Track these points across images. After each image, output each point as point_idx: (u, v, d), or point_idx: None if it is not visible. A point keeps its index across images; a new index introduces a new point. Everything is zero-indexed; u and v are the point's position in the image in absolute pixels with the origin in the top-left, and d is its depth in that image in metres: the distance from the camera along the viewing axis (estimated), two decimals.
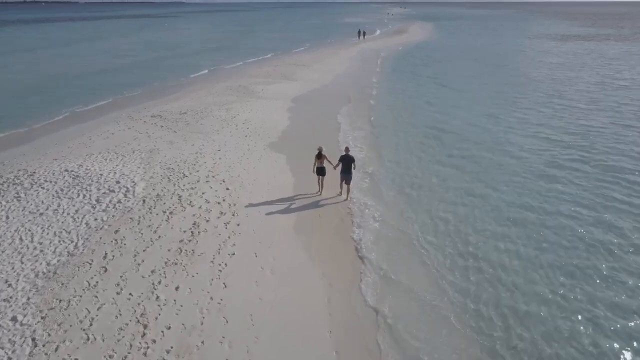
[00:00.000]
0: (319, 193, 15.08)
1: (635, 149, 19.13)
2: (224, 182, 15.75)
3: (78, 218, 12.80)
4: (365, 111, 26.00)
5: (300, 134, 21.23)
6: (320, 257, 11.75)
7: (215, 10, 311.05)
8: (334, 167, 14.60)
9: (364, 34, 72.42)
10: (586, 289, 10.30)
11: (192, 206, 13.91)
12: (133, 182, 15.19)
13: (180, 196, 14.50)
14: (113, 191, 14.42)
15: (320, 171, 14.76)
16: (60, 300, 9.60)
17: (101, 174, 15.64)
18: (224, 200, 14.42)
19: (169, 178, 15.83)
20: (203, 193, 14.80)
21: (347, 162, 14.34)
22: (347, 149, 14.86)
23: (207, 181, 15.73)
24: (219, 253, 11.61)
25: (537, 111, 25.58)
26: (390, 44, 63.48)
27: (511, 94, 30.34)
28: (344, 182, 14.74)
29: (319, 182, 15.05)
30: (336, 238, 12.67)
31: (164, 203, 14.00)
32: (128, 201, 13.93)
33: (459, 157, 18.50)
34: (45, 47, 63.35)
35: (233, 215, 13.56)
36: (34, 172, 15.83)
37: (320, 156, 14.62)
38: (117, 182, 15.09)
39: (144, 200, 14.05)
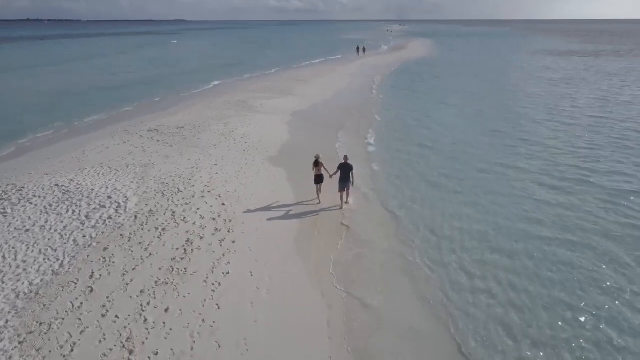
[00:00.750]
0: (318, 201, 15.13)
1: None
2: (219, 197, 15.20)
3: (66, 235, 12.21)
4: (365, 128, 25.51)
5: (299, 149, 20.72)
6: (319, 276, 11.15)
7: (215, 27, 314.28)
8: (331, 176, 14.78)
9: (364, 50, 72.62)
10: (598, 335, 9.29)
11: (185, 222, 13.34)
12: (125, 197, 14.63)
13: (174, 212, 13.94)
14: (104, 207, 13.86)
15: (318, 179, 14.96)
16: (40, 324, 8.96)
17: (92, 189, 15.09)
18: (219, 216, 13.86)
19: (163, 193, 15.28)
20: (198, 209, 14.24)
21: (345, 170, 14.44)
22: (345, 157, 14.87)
23: (202, 196, 15.19)
24: (212, 272, 11.02)
25: (537, 128, 24.84)
26: (390, 60, 63.52)
27: (511, 110, 29.74)
28: (343, 190, 14.72)
29: (317, 191, 15.18)
30: (336, 256, 12.07)
31: (157, 219, 13.43)
32: (119, 217, 13.36)
33: (457, 177, 17.51)
34: (47, 64, 63.22)
35: (228, 231, 12.98)
36: (23, 187, 15.28)
37: (317, 164, 14.83)
38: (109, 197, 14.53)
39: (135, 216, 13.48)
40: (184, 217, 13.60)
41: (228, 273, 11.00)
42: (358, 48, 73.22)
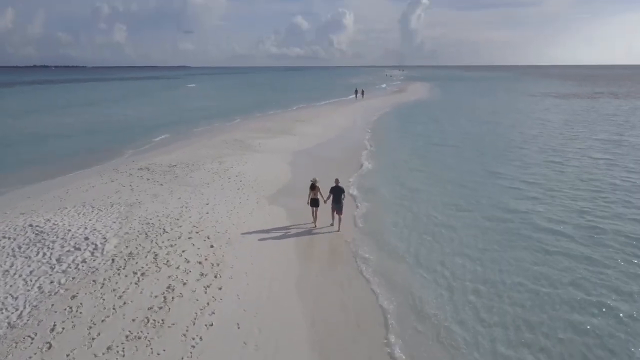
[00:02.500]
0: (314, 225, 15.44)
1: None
2: (208, 238, 13.92)
3: (31, 281, 10.85)
4: (365, 168, 24.51)
5: (296, 189, 19.50)
6: (317, 328, 9.74)
7: (218, 73, 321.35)
8: (325, 201, 15.13)
9: (362, 92, 73.00)
10: None
11: (168, 266, 12.00)
12: (104, 238, 13.34)
13: (156, 254, 12.61)
14: (79, 249, 12.55)
15: (314, 202, 15.31)
16: None
17: (69, 230, 13.82)
18: (206, 259, 12.53)
19: (146, 234, 14.00)
20: (183, 251, 12.92)
21: (337, 192, 14.90)
22: (337, 181, 15.32)
23: (189, 237, 13.90)
24: (193, 324, 9.60)
25: (541, 171, 23.08)
26: (390, 102, 63.58)
27: (512, 152, 28.34)
28: (335, 213, 15.15)
29: (313, 214, 15.49)
30: (337, 305, 10.69)
31: (136, 262, 12.09)
32: (94, 260, 12.02)
33: (455, 220, 16.02)
34: (59, 106, 62.88)
35: (215, 276, 11.63)
36: None
37: (313, 187, 15.23)
38: (86, 238, 13.24)
39: (113, 260, 12.15)
40: (167, 261, 12.27)
41: (212, 325, 9.59)
42: (356, 91, 73.71)
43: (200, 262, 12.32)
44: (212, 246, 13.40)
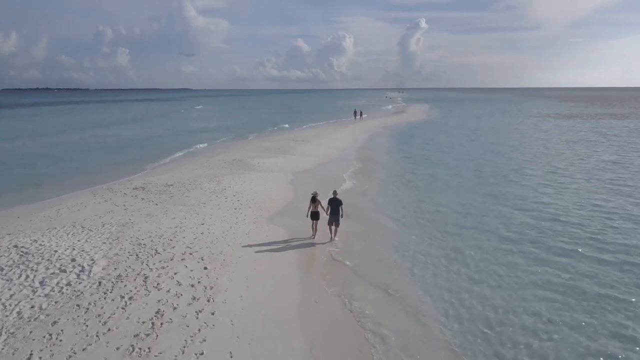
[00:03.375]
0: (313, 237, 15.52)
1: None
2: (202, 260, 13.25)
3: (10, 305, 10.16)
4: (365, 188, 23.97)
5: (295, 209, 18.88)
6: (316, 352, 9.04)
7: (220, 95, 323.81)
8: (327, 213, 15.33)
9: (361, 113, 73.15)
10: None
11: (158, 290, 11.31)
12: (92, 259, 12.66)
13: (146, 277, 11.94)
14: (64, 271, 11.87)
15: (314, 215, 15.42)
16: None
17: (56, 251, 13.15)
18: (199, 282, 11.84)
19: (137, 255, 13.33)
20: (175, 273, 12.24)
21: (335, 204, 15.19)
22: (335, 193, 15.74)
23: (182, 259, 13.23)
24: (183, 352, 8.88)
25: (544, 192, 22.28)
26: (389, 123, 63.40)
27: (514, 173, 27.57)
28: (332, 225, 15.32)
29: (312, 227, 15.58)
30: (338, 328, 9.99)
31: (125, 286, 11.40)
32: (80, 283, 11.34)
33: (451, 244, 15.24)
34: (69, 128, 62.17)
35: (208, 301, 10.93)
36: None
37: (314, 200, 15.37)
38: (73, 259, 12.57)
39: (100, 282, 11.47)
40: (157, 284, 11.58)
41: (202, 354, 8.87)
42: (355, 112, 73.94)
43: (192, 285, 11.63)
44: (205, 268, 12.72)
